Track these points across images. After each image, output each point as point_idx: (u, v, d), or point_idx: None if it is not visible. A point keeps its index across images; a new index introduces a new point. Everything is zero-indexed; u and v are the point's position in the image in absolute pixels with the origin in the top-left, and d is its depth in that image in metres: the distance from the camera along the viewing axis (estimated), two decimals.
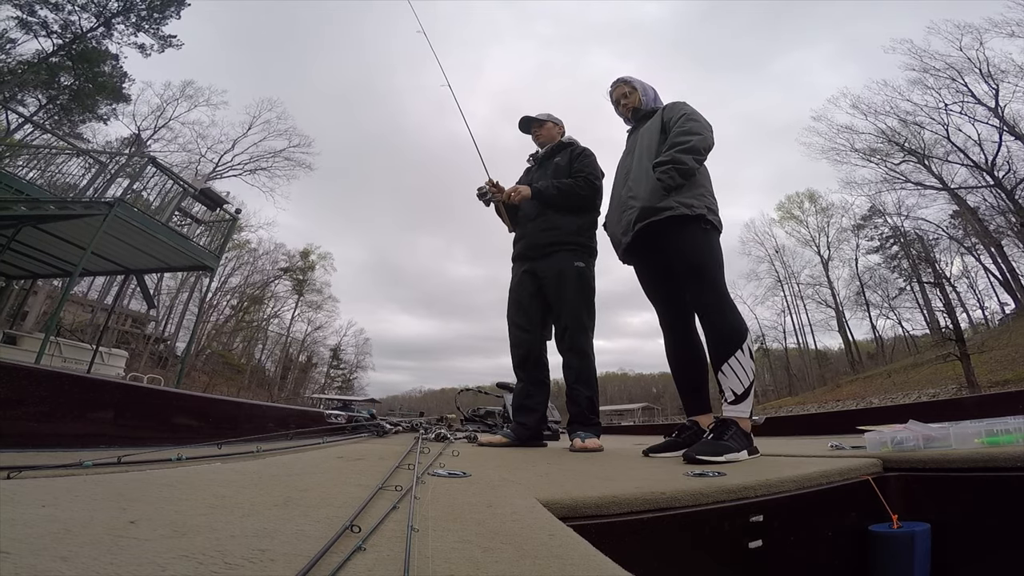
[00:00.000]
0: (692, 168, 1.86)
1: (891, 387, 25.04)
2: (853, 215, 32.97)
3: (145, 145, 25.90)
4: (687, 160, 1.85)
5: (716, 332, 1.78)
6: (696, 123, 1.96)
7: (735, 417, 1.63)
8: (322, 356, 44.58)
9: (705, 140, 1.92)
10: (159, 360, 27.34)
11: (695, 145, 1.89)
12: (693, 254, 1.86)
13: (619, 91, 2.32)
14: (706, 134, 1.94)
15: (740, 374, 1.68)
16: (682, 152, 1.86)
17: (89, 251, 6.59)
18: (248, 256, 35.15)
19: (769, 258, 37.93)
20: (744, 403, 1.66)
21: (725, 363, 1.70)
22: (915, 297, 30.66)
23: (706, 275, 1.83)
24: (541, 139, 2.79)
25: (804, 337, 37.90)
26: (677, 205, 1.86)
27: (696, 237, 1.86)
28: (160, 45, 23.59)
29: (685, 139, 1.90)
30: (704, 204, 1.88)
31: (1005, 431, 1.20)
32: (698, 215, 1.85)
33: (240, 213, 9.56)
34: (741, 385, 1.67)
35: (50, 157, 7.75)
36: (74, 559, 0.44)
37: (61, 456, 1.18)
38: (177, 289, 31.67)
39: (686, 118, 1.99)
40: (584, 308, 2.42)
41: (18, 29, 20.00)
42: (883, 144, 26.75)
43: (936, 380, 21.97)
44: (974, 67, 22.60)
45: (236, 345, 37.69)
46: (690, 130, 1.93)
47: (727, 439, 1.55)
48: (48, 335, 6.78)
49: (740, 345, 1.71)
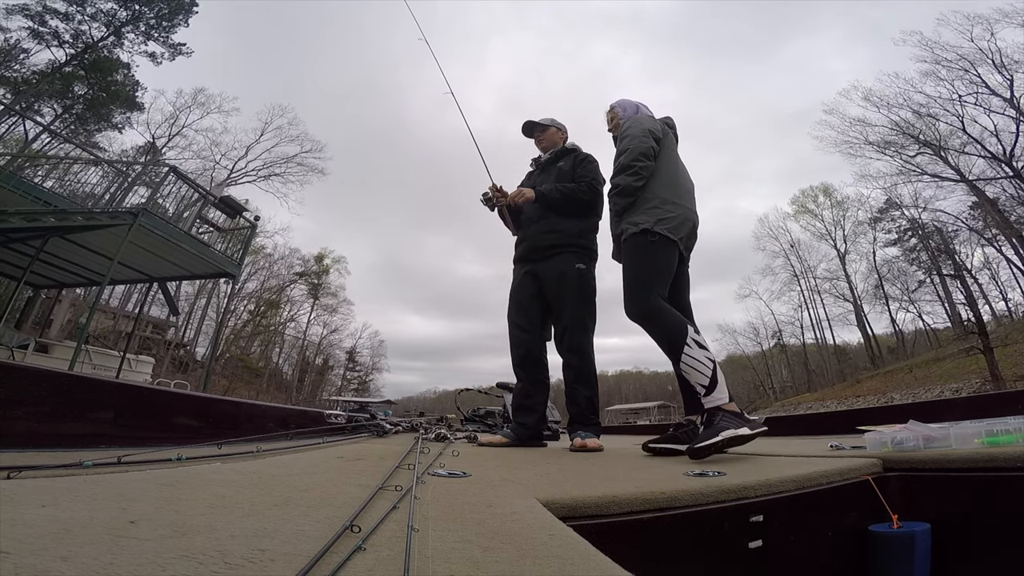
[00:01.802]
0: (629, 185, 1.96)
1: (913, 382, 24.00)
2: (869, 208, 32.22)
3: (160, 153, 26.15)
4: (619, 181, 1.98)
5: (658, 338, 1.84)
6: (625, 139, 2.05)
7: (716, 405, 1.65)
8: (338, 359, 44.98)
9: (631, 152, 1.99)
10: (180, 365, 27.58)
11: (622, 162, 1.99)
12: (625, 268, 1.98)
13: (608, 117, 2.40)
14: (633, 144, 2.00)
15: (698, 366, 1.69)
16: (616, 175, 2.00)
17: (116, 260, 6.76)
18: (264, 261, 35.44)
19: (784, 253, 37.20)
20: (716, 390, 1.67)
21: (680, 363, 1.73)
22: (935, 290, 29.72)
23: (629, 288, 1.93)
24: (544, 144, 2.80)
25: (822, 332, 37.20)
26: (627, 226, 1.98)
27: (632, 252, 1.95)
28: (170, 53, 23.94)
29: (617, 161, 2.03)
30: (654, 217, 1.93)
31: (1005, 431, 1.20)
32: (642, 230, 1.92)
33: (259, 220, 9.67)
34: (704, 375, 1.68)
35: (67, 166, 7.97)
36: (74, 559, 0.44)
37: (61, 456, 1.18)
38: (195, 295, 31.92)
39: (619, 139, 2.09)
40: (585, 309, 2.42)
41: (30, 39, 20.38)
42: (897, 136, 26.15)
43: (959, 374, 21.10)
44: (986, 58, 22.10)
45: (254, 349, 38.08)
46: (620, 149, 2.04)
47: (718, 423, 1.57)
48: (80, 343, 6.99)
49: (684, 341, 1.73)
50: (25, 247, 7.17)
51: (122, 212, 6.86)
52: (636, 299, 1.90)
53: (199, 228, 8.31)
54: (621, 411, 41.71)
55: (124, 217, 6.69)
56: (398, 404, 13.93)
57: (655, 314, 1.84)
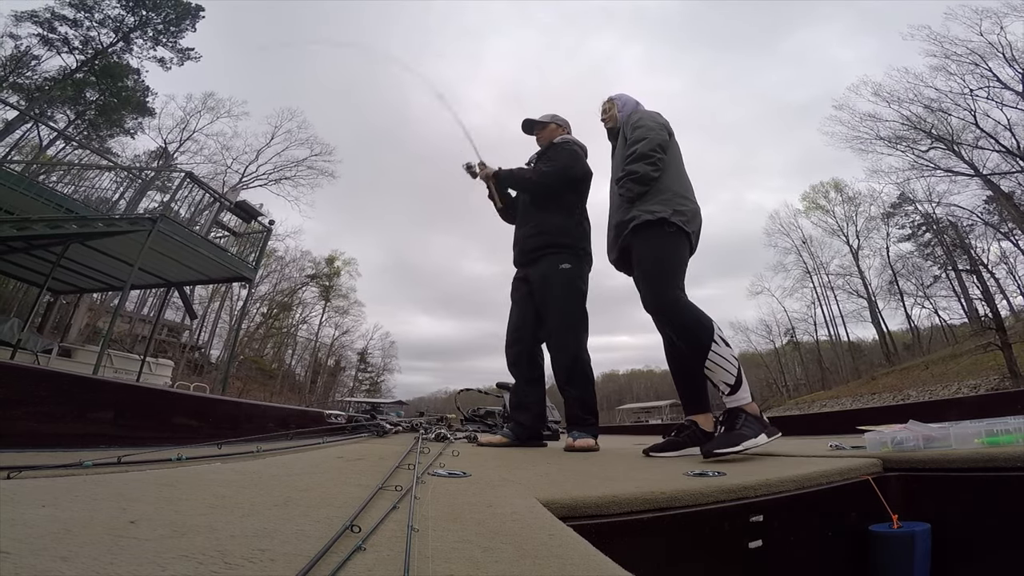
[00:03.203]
0: (646, 174, 1.92)
1: (929, 379, 23.30)
2: (882, 203, 31.52)
3: (172, 158, 26.32)
4: (637, 168, 1.92)
5: (683, 334, 1.80)
6: (641, 129, 2.02)
7: (739, 405, 1.63)
8: (350, 360, 45.21)
9: (650, 142, 1.96)
10: (195, 367, 27.77)
11: (640, 151, 1.95)
12: (645, 259, 1.91)
13: (603, 107, 2.37)
14: (651, 135, 1.98)
15: (724, 364, 1.68)
16: (632, 162, 1.94)
17: (136, 266, 6.91)
18: (276, 264, 35.61)
19: (796, 249, 36.54)
20: (741, 389, 1.66)
21: (706, 360, 1.70)
22: (951, 285, 28.89)
23: (653, 280, 1.87)
24: (542, 140, 2.76)
25: (836, 329, 36.42)
26: (640, 213, 1.92)
27: (652, 241, 1.90)
28: (179, 58, 24.13)
29: (632, 148, 1.98)
30: (670, 207, 1.90)
31: (1005, 431, 1.20)
32: (660, 219, 1.88)
33: (273, 224, 9.85)
34: (730, 374, 1.66)
35: (81, 172, 8.09)
36: (74, 559, 0.44)
37: (61, 456, 1.18)
38: (208, 298, 32.08)
39: (633, 127, 2.06)
40: (569, 310, 2.42)
41: (41, 46, 20.62)
42: (909, 131, 25.66)
43: (977, 371, 20.43)
44: (997, 52, 21.75)
45: (267, 351, 38.32)
46: (636, 138, 2.00)
47: (740, 427, 1.55)
48: (104, 347, 7.15)
49: (712, 338, 1.71)
50: (46, 253, 7.33)
51: (142, 218, 6.98)
52: (659, 292, 1.84)
53: (215, 233, 8.45)
54: (632, 410, 41.27)
55: (143, 223, 6.82)
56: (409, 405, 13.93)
57: (681, 308, 1.80)
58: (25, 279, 9.31)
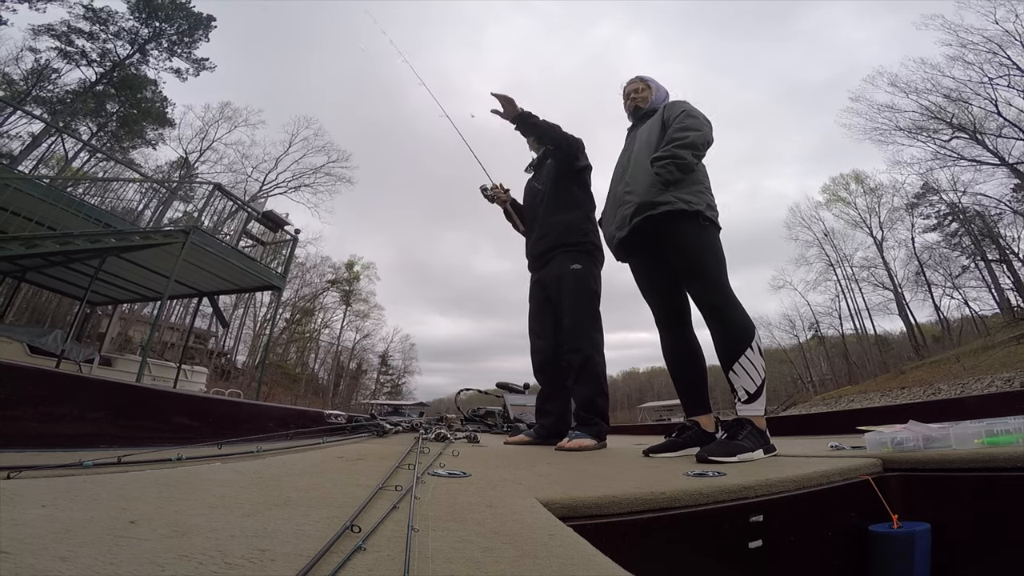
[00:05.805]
0: (691, 163, 1.86)
1: (961, 372, 22.32)
2: (905, 194, 30.85)
3: (193, 168, 26.62)
4: (686, 155, 1.84)
5: (725, 332, 1.76)
6: (695, 119, 1.96)
7: (750, 416, 1.63)
8: (371, 363, 45.84)
9: (704, 136, 1.92)
10: (222, 373, 27.95)
11: (693, 140, 1.88)
12: (693, 252, 1.84)
13: (633, 86, 2.32)
14: (705, 130, 1.94)
15: (752, 372, 1.66)
16: (680, 147, 1.86)
17: (172, 278, 7.11)
18: (297, 270, 36.10)
19: (818, 242, 35.85)
20: (757, 401, 1.65)
21: (736, 363, 1.69)
22: (981, 275, 27.96)
23: (708, 274, 1.82)
24: None
25: (861, 321, 35.30)
26: (675, 200, 1.84)
27: (695, 234, 1.85)
28: (195, 68, 24.46)
29: (683, 135, 1.90)
30: (704, 200, 1.87)
31: (1005, 431, 1.20)
32: (696, 211, 1.83)
33: (299, 233, 9.99)
34: (753, 384, 1.65)
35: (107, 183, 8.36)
36: (74, 559, 0.44)
37: (61, 456, 1.17)
38: (232, 305, 32.45)
39: (685, 114, 1.99)
40: (581, 309, 2.43)
41: (60, 59, 20.97)
42: (929, 121, 25.19)
43: (1011, 363, 19.60)
44: (1014, 40, 21.47)
45: (291, 356, 38.78)
46: (689, 126, 1.93)
47: (741, 439, 1.54)
48: (144, 357, 7.52)
49: (750, 343, 1.70)
50: (83, 266, 7.59)
51: (176, 231, 7.24)
52: (725, 283, 1.81)
53: (243, 243, 8.66)
54: (655, 408, 40.70)
55: (178, 235, 7.06)
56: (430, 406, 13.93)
57: (733, 305, 1.77)
58: (63, 292, 9.66)
